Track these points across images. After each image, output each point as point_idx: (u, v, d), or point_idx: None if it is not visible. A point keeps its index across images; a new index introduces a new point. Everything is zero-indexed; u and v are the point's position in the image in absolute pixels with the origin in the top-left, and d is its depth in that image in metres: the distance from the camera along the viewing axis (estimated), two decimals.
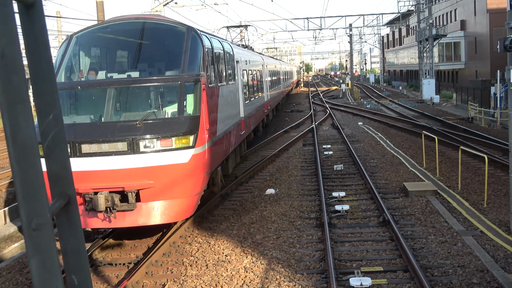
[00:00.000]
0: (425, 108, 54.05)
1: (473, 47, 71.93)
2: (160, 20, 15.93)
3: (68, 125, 13.18)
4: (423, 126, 36.97)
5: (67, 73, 14.73)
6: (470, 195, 18.50)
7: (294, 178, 22.51)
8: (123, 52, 15.67)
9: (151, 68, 15.16)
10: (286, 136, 36.02)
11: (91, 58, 15.55)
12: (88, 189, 12.79)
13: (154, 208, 13.14)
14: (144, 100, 14.37)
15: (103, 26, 15.92)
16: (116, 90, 13.97)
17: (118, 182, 12.89)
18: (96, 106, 14.08)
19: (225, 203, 19.26)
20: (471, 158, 25.41)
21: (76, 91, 14.25)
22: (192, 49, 14.70)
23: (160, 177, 13.02)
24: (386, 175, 22.30)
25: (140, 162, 12.95)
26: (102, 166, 12.95)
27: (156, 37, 15.39)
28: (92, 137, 13.01)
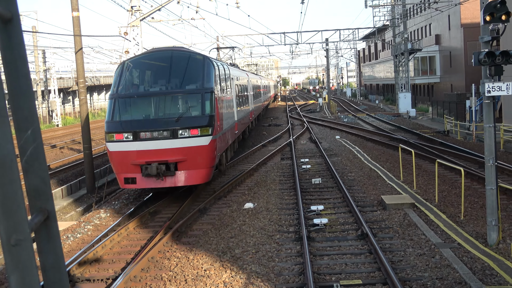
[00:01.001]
0: (401, 122, 54.44)
1: (448, 61, 72.70)
2: (185, 50, 23.13)
3: (130, 121, 20.15)
4: (400, 140, 37.21)
5: (125, 87, 21.14)
6: (447, 208, 18.63)
7: (273, 192, 22.51)
8: (161, 72, 21.77)
9: (181, 82, 21.30)
10: (264, 150, 36.05)
11: (140, 76, 21.93)
12: (143, 162, 19.58)
13: (185, 174, 19.83)
14: (178, 104, 20.82)
15: (146, 55, 22.59)
16: (160, 98, 20.72)
17: (164, 157, 19.58)
18: (147, 108, 20.74)
19: (204, 217, 19.20)
20: (448, 171, 25.60)
21: (132, 99, 20.86)
22: (207, 70, 21.57)
23: (190, 154, 19.71)
24: (364, 188, 22.39)
25: (177, 144, 19.66)
26: (153, 147, 19.62)
27: (183, 62, 21.75)
28: (146, 128, 19.82)
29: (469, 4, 60.08)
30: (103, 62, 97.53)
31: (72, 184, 28.45)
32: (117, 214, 20.80)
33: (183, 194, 23.28)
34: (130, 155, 19.84)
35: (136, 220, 18.68)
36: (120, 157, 19.96)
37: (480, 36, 14.45)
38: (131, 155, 19.82)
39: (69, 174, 32.22)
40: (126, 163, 19.91)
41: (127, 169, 19.97)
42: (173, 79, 21.37)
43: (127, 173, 20.05)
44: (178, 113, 20.30)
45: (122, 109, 20.66)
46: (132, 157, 19.81)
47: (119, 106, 20.69)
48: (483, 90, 14.23)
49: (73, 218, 23.18)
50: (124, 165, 19.98)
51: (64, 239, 17.53)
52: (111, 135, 20.03)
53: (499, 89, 14.06)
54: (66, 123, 78.18)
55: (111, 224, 19.16)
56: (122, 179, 20.22)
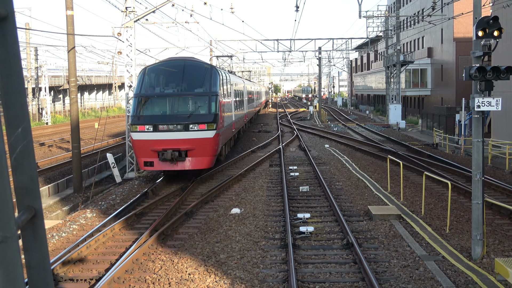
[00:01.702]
0: (391, 133, 54.60)
1: (439, 74, 73.03)
2: (195, 60, 27.97)
3: (150, 115, 25.06)
4: (388, 151, 37.32)
5: (147, 88, 26.02)
6: (433, 220, 18.69)
7: (260, 199, 22.52)
8: (176, 77, 26.48)
9: (192, 86, 26.10)
10: (253, 156, 36.06)
11: (158, 80, 26.69)
12: (160, 149, 24.41)
13: (193, 161, 24.71)
14: (189, 104, 25.74)
15: (163, 62, 27.61)
16: (175, 98, 25.58)
17: (177, 145, 24.42)
18: (164, 106, 25.58)
19: (190, 221, 19.18)
20: (435, 183, 25.70)
21: (153, 98, 25.72)
22: (213, 77, 26.44)
23: (198, 144, 24.53)
24: (351, 198, 22.44)
25: (188, 136, 24.51)
26: (169, 137, 24.49)
27: (194, 70, 26.61)
28: (164, 122, 24.69)
29: (462, 19, 60.41)
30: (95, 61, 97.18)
31: (59, 183, 28.36)
32: (103, 215, 20.74)
33: (171, 197, 23.26)
34: (149, 143, 24.65)
35: (122, 221, 18.64)
36: (142, 145, 24.75)
37: (472, 51, 14.53)
38: (151, 143, 24.63)
39: (57, 172, 32.11)
40: (146, 150, 24.69)
41: (147, 154, 24.79)
42: (186, 83, 26.15)
43: (146, 158, 24.86)
44: (189, 111, 25.42)
45: (145, 106, 25.61)
46: (151, 144, 24.62)
47: (142, 103, 25.62)
48: (473, 105, 14.32)
49: (58, 217, 23.10)
50: (144, 151, 24.76)
51: (49, 237, 17.46)
52: (135, 127, 24.94)
53: (488, 104, 14.15)
54: (56, 122, 77.91)
55: (97, 224, 19.10)
56: (142, 162, 25.05)
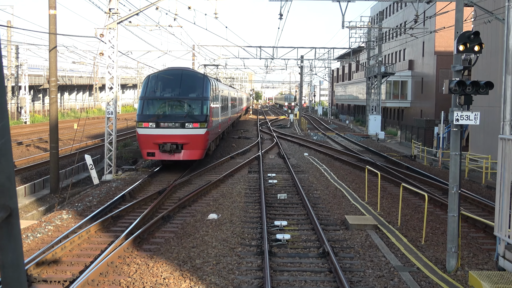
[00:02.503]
0: (370, 143, 54.85)
1: (420, 87, 73.55)
2: (191, 70, 33.93)
3: (153, 115, 29.90)
4: (367, 161, 37.48)
5: (151, 92, 30.94)
6: (409, 232, 18.79)
7: (238, 205, 22.49)
8: (174, 83, 31.44)
9: (187, 92, 31.16)
10: (232, 162, 36.04)
11: (160, 86, 31.47)
12: (161, 142, 29.38)
13: (187, 153, 29.72)
14: (186, 106, 30.72)
15: (164, 71, 32.55)
16: (174, 101, 30.73)
17: (175, 140, 29.49)
18: (165, 107, 30.53)
19: (167, 225, 19.10)
20: (412, 195, 25.84)
21: (155, 100, 30.61)
22: (205, 85, 31.50)
23: (192, 139, 29.62)
24: (328, 207, 22.49)
25: (184, 132, 29.55)
26: (168, 133, 29.53)
27: (189, 78, 31.85)
28: (164, 120, 29.73)
29: (444, 33, 60.94)
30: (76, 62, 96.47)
31: (35, 183, 28.12)
32: (79, 216, 20.59)
33: (148, 200, 23.16)
34: (152, 137, 29.75)
35: (98, 223, 18.52)
36: (146, 138, 29.81)
37: (452, 65, 14.65)
38: (153, 137, 29.74)
39: (34, 172, 31.84)
40: (149, 142, 29.78)
41: (150, 147, 29.83)
42: (183, 89, 31.25)
43: (149, 149, 29.89)
44: (185, 112, 30.53)
45: (149, 106, 30.51)
46: (154, 138, 29.74)
47: (146, 104, 30.55)
48: (451, 118, 14.42)
49: (34, 217, 22.90)
50: (148, 144, 29.81)
51: (24, 238, 17.29)
52: (141, 124, 29.95)
53: (467, 118, 14.26)
54: (35, 121, 77.32)
55: (73, 226, 18.96)
56: (145, 153, 30.12)
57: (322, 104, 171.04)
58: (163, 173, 31.29)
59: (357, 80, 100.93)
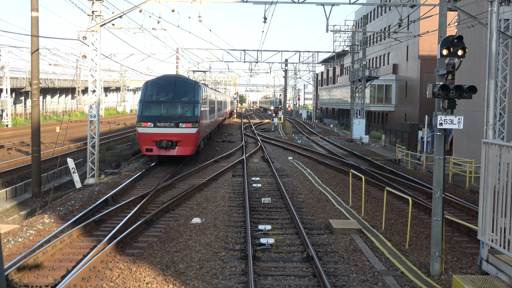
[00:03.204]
0: (354, 147, 55.01)
1: (404, 91, 73.93)
2: (184, 77, 38.49)
3: (152, 115, 34.05)
4: (351, 165, 37.58)
5: (149, 96, 35.13)
6: (393, 236, 18.85)
7: (222, 209, 22.47)
8: (169, 89, 35.79)
9: (181, 96, 35.48)
10: (216, 166, 36.01)
11: (157, 90, 35.73)
12: (158, 140, 33.39)
13: (181, 149, 33.85)
14: (180, 108, 35.00)
15: (160, 78, 36.96)
16: (169, 104, 35.00)
17: (170, 138, 33.59)
18: (162, 109, 34.90)
19: (150, 229, 19.04)
20: (396, 199, 25.95)
21: (152, 103, 34.93)
22: (196, 90, 36.03)
23: (185, 137, 33.78)
24: (312, 211, 22.52)
25: (178, 131, 33.73)
26: (164, 131, 33.65)
27: (182, 83, 36.34)
28: (161, 120, 33.80)
29: (428, 37, 61.31)
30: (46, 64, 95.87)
31: (17, 187, 27.94)
32: (61, 221, 20.48)
33: (131, 204, 23.07)
34: (150, 135, 34.12)
35: (81, 228, 18.41)
36: (145, 136, 34.23)
37: (436, 69, 14.73)
38: (151, 135, 34.11)
39: (15, 176, 31.62)
40: (148, 140, 34.18)
41: (148, 143, 34.20)
42: (177, 93, 35.82)
43: (148, 146, 34.24)
44: (179, 113, 35.06)
45: (147, 109, 34.95)
46: (152, 136, 34.11)
47: (145, 107, 34.99)
48: (435, 122, 14.49)
49: (15, 222, 22.74)
50: (146, 141, 34.22)
51: (5, 242, 17.17)
52: (140, 123, 34.32)
53: (451, 122, 14.34)
54: (16, 124, 76.81)
55: (55, 230, 18.84)
56: (144, 149, 34.43)
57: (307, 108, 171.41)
58: (146, 177, 31.21)
59: (341, 84, 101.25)
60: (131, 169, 34.69)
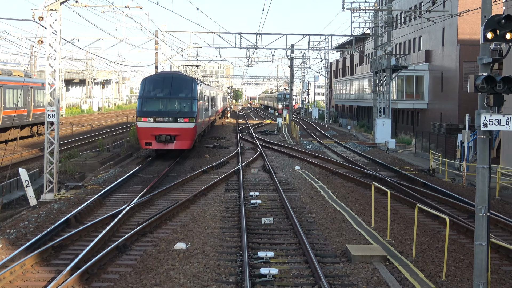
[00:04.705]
0: (377, 154, 54.96)
1: (439, 84, 73.90)
2: (181, 74, 50.90)
3: (151, 111, 44.16)
4: (374, 176, 37.56)
5: (148, 92, 45.09)
6: (427, 265, 18.83)
7: (212, 231, 22.43)
8: (167, 84, 45.41)
9: (179, 92, 45.34)
10: (205, 178, 36.00)
11: (154, 87, 45.59)
12: (157, 134, 43.51)
13: (179, 143, 44.04)
14: (178, 104, 45.01)
15: (158, 74, 49.93)
16: (168, 99, 45.17)
17: (169, 132, 43.76)
18: (161, 104, 45.07)
19: (122, 257, 19.01)
20: (430, 219, 25.92)
21: (151, 99, 45.03)
22: (194, 86, 46.18)
23: (183, 131, 44.12)
24: (325, 233, 22.49)
25: (176, 126, 43.96)
26: (163, 126, 43.80)
27: (180, 80, 46.31)
28: (160, 116, 44.15)
29: (469, 17, 61.34)
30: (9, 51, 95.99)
31: None
32: (11, 246, 20.44)
33: (99, 226, 23.02)
34: (150, 130, 43.24)
35: (36, 255, 18.38)
36: (144, 131, 43.46)
37: (478, 57, 14.67)
38: (151, 130, 43.21)
39: None
40: (147, 134, 43.27)
41: (148, 138, 43.22)
42: (174, 89, 45.21)
43: (147, 140, 43.34)
44: (178, 108, 44.43)
45: (147, 104, 44.35)
46: (151, 131, 43.17)
47: (145, 102, 44.35)
48: (478, 123, 14.42)
49: None
50: (146, 135, 43.36)
51: None
52: (140, 118, 43.66)
53: (497, 122, 14.26)
54: None
55: (3, 258, 18.80)
56: (144, 143, 43.86)
57: (318, 105, 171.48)
58: (118, 191, 31.18)
59: (361, 75, 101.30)
60: (99, 181, 34.65)
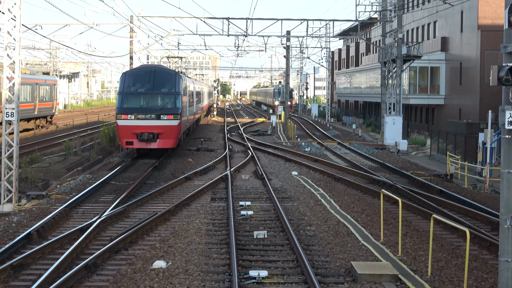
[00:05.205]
0: (387, 157, 55.01)
1: (457, 76, 73.90)
2: (164, 67, 54.41)
3: (132, 107, 47.07)
4: (382, 183, 37.55)
5: (128, 87, 48.00)
6: (444, 285, 18.83)
7: (196, 247, 22.40)
8: (149, 79, 48.10)
9: (162, 87, 48.42)
10: (188, 185, 35.97)
11: (135, 81, 48.55)
12: (139, 132, 45.93)
13: (162, 142, 46.86)
14: (160, 100, 48.41)
15: (139, 68, 52.94)
16: (151, 95, 48.05)
17: (151, 130, 46.30)
18: (142, 101, 47.99)
19: (93, 278, 18.96)
20: (448, 231, 25.92)
21: (132, 95, 47.94)
22: (177, 80, 49.08)
23: (166, 130, 46.86)
24: (327, 249, 22.48)
25: (159, 123, 46.72)
26: (146, 124, 46.46)
27: (163, 74, 49.27)
28: (142, 112, 46.98)
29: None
30: None
31: None
32: None
33: (65, 241, 22.96)
34: (131, 128, 45.60)
35: None
36: (125, 129, 45.84)
37: (502, 44, 14.68)
38: (132, 128, 45.58)
39: None
40: (128, 133, 45.64)
41: (128, 136, 45.78)
42: (157, 84, 47.77)
43: (128, 139, 45.79)
44: (161, 104, 47.26)
45: (127, 100, 47.04)
46: (132, 129, 45.54)
47: (125, 98, 47.03)
48: (502, 121, 14.42)
49: None
50: (126, 134, 45.76)
51: None
52: (120, 116, 46.16)
53: None
54: None
55: None
56: (124, 142, 46.42)
57: (318, 101, 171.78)
58: (88, 201, 31.09)
59: (367, 66, 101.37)
60: (66, 190, 34.55)
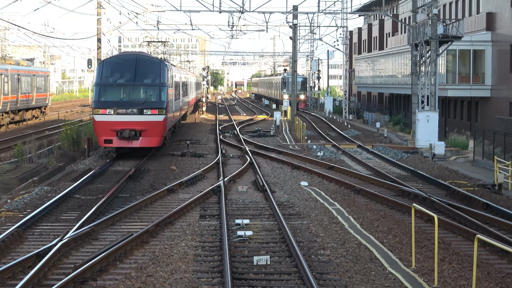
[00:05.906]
0: (419, 164, 55.01)
1: (507, 61, 73.87)
2: (147, 55, 63.14)
3: (111, 101, 53.03)
4: (414, 195, 37.54)
5: (106, 78, 54.20)
6: None
7: (181, 277, 22.39)
8: (131, 68, 54.09)
9: (145, 78, 54.59)
10: (172, 199, 35.97)
11: (114, 71, 55.02)
12: (119, 129, 51.87)
13: (146, 140, 52.78)
14: (144, 92, 54.58)
15: (120, 56, 63.91)
16: (132, 87, 54.08)
17: (133, 126, 52.32)
18: (123, 93, 54.26)
19: None
20: (496, 255, 25.90)
21: (111, 86, 54.41)
22: (162, 70, 55.28)
23: (150, 126, 52.93)
24: (345, 279, 22.46)
25: (142, 119, 52.72)
26: (126, 119, 52.46)
27: (146, 63, 55.39)
28: (123, 107, 52.93)
29: None
30: None
31: None
32: None
33: (17, 270, 22.96)
34: (110, 124, 49.70)
35: None
36: (103, 125, 49.77)
37: None
38: (111, 124, 49.68)
39: None
40: (107, 129, 49.64)
41: (107, 134, 49.86)
42: (140, 74, 51.70)
43: (106, 136, 49.97)
44: (144, 97, 51.33)
45: (105, 93, 51.52)
46: (111, 125, 49.62)
47: (103, 90, 51.51)
48: None
49: None
50: (105, 131, 49.77)
51: None
52: (98, 110, 50.54)
53: None
54: None
55: None
56: (103, 140, 50.56)
57: (333, 94, 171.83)
58: (47, 219, 31.08)
59: (395, 49, 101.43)
60: (19, 206, 34.52)
